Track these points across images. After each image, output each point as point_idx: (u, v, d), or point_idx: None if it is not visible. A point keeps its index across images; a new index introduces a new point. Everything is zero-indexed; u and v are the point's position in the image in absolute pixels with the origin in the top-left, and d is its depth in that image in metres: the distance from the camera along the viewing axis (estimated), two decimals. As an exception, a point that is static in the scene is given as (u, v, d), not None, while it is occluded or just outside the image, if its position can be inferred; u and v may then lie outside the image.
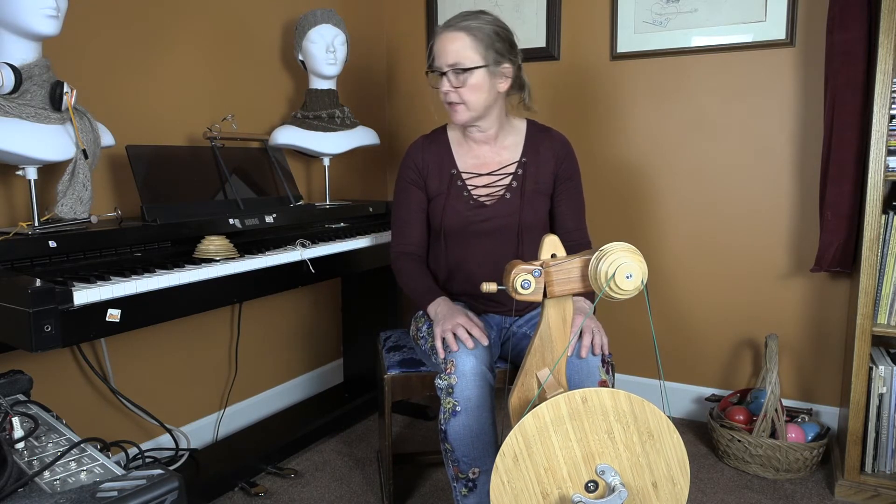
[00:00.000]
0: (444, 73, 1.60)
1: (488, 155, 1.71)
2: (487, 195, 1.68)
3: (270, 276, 1.76)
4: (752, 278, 2.33)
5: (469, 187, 1.69)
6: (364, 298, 2.55)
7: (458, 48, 1.58)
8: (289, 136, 2.22)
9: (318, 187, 2.61)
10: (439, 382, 1.45)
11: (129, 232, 1.63)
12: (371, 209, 2.38)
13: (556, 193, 1.73)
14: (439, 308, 1.58)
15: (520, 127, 1.74)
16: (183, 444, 2.09)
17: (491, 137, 1.71)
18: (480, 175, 1.70)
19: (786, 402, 2.28)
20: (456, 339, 1.47)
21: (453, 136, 1.75)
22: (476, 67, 1.58)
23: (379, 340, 1.96)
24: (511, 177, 1.69)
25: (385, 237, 2.13)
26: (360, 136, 2.40)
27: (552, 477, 1.10)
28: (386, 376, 1.73)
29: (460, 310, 1.56)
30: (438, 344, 1.50)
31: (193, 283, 1.55)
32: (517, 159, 1.70)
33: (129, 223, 1.70)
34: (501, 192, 1.68)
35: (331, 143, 2.30)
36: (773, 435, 2.03)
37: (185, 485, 0.87)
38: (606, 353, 1.51)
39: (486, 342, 1.48)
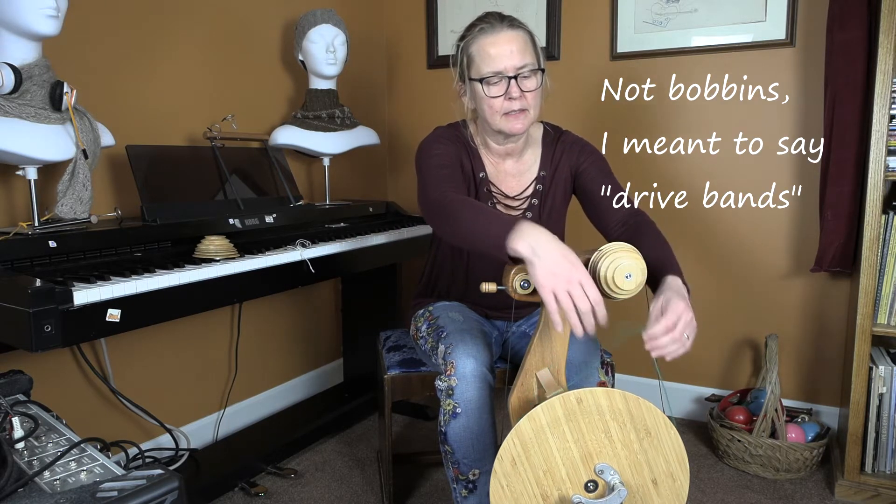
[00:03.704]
0: (512, 78, 1.44)
1: (511, 171, 1.62)
2: (509, 212, 1.62)
3: (270, 276, 1.75)
4: (752, 278, 2.33)
5: (495, 199, 1.62)
6: (364, 298, 2.55)
7: (522, 47, 1.44)
8: (289, 136, 2.22)
9: (318, 187, 2.61)
10: (439, 384, 1.44)
11: (129, 232, 1.63)
12: (371, 209, 2.38)
13: (581, 183, 1.59)
14: (542, 240, 1.14)
15: (536, 136, 1.64)
16: (183, 444, 2.09)
17: (517, 150, 1.60)
18: (507, 196, 1.62)
19: (786, 402, 2.28)
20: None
21: (476, 138, 1.62)
22: (542, 69, 1.47)
23: (379, 340, 1.96)
24: (531, 194, 1.63)
25: (385, 237, 2.13)
26: (360, 136, 2.40)
27: (551, 479, 1.10)
28: (386, 376, 1.73)
29: (572, 254, 1.14)
30: (550, 299, 1.11)
31: (193, 283, 1.55)
32: (535, 174, 1.63)
33: (129, 223, 1.70)
34: (521, 214, 1.63)
35: (331, 143, 2.30)
36: (773, 435, 2.03)
37: (185, 485, 0.87)
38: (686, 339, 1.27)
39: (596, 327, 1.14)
